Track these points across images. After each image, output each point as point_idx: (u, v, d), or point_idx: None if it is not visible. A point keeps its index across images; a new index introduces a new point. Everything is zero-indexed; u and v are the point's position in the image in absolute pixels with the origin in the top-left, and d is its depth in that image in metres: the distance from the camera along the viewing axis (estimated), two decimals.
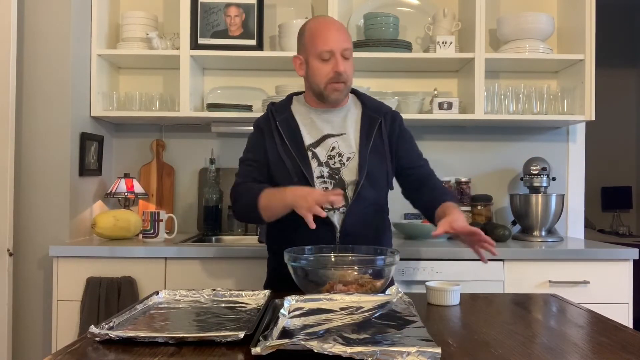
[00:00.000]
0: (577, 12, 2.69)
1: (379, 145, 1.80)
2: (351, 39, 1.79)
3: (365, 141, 1.78)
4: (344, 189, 1.73)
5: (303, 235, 1.64)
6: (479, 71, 2.62)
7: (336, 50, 1.71)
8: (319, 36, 1.73)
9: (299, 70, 1.82)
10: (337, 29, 1.75)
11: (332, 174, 1.75)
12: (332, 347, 0.96)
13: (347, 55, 1.74)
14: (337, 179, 1.75)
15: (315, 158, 1.76)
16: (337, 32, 1.74)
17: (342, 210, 1.73)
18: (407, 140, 1.88)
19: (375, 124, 1.80)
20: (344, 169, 1.76)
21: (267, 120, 1.83)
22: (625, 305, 2.32)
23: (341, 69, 1.71)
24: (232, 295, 1.44)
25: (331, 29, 1.74)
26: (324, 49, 1.71)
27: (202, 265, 2.30)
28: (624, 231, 4.95)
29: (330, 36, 1.72)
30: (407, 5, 2.91)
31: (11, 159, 2.33)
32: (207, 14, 2.69)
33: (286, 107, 1.84)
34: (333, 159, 1.76)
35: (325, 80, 1.74)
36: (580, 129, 2.97)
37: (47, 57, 2.44)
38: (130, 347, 1.06)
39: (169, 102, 2.75)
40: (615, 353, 1.07)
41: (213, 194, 2.81)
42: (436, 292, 1.49)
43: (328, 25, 1.75)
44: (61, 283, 2.28)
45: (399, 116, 1.89)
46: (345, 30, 1.77)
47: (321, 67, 1.73)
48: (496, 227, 2.56)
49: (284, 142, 1.76)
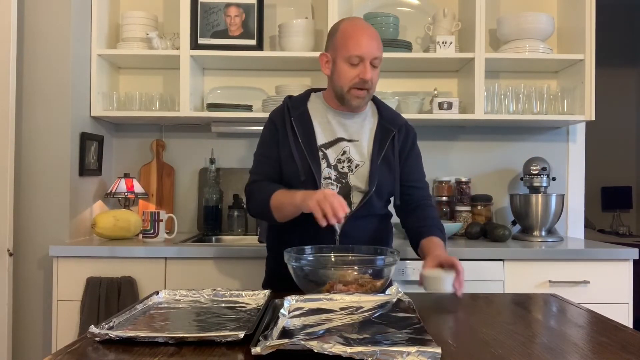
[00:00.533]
0: (577, 12, 2.70)
1: (390, 157, 1.79)
2: (382, 48, 1.76)
3: (377, 151, 1.77)
4: (349, 194, 1.74)
5: (302, 237, 1.66)
6: (479, 71, 2.62)
7: (367, 57, 1.69)
8: (352, 39, 1.70)
9: (325, 69, 1.79)
10: (371, 35, 1.72)
11: (339, 177, 1.75)
12: (332, 347, 0.96)
13: (376, 64, 1.73)
14: (343, 183, 1.75)
15: (325, 159, 1.75)
16: (370, 38, 1.71)
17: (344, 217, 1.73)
18: (415, 157, 1.88)
19: (389, 136, 1.79)
20: (352, 174, 1.75)
21: (282, 115, 1.81)
22: (625, 305, 2.32)
23: (368, 76, 1.70)
24: (232, 295, 1.44)
25: (365, 35, 1.70)
26: (355, 53, 1.69)
27: (202, 265, 2.30)
28: (624, 231, 4.95)
29: (364, 42, 1.69)
30: (407, 5, 2.92)
31: (11, 159, 2.33)
32: (207, 14, 2.70)
33: (303, 103, 1.83)
34: (342, 163, 1.76)
35: (350, 85, 1.72)
36: (580, 129, 2.97)
37: (47, 57, 2.44)
38: (130, 347, 1.06)
39: (169, 102, 2.75)
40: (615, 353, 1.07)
41: (213, 194, 2.81)
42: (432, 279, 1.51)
43: (363, 30, 1.72)
44: (61, 283, 2.28)
45: (413, 131, 1.88)
46: (378, 39, 1.74)
47: (348, 71, 1.71)
48: (496, 227, 2.56)
49: (297, 139, 1.75)
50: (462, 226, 2.73)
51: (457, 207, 2.83)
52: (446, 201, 2.85)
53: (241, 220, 2.84)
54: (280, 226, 1.76)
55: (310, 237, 1.64)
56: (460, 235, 2.74)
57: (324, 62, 1.79)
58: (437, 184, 2.88)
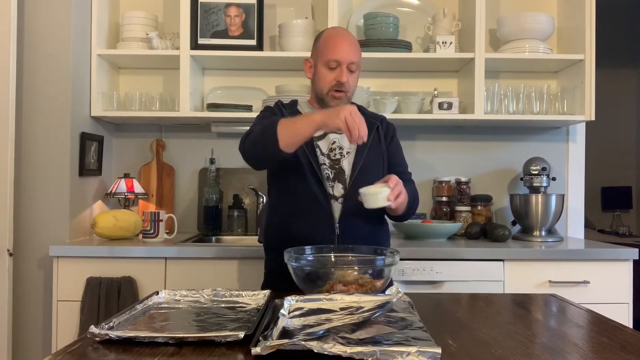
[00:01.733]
0: (577, 12, 2.69)
1: (376, 144, 1.91)
2: (360, 55, 1.87)
3: None
4: (344, 179, 1.83)
5: (301, 226, 1.76)
6: (479, 71, 2.62)
7: (343, 61, 1.80)
8: (331, 45, 1.82)
9: (308, 73, 1.92)
10: (349, 42, 1.84)
11: (333, 164, 1.85)
12: (332, 347, 0.96)
13: (353, 68, 1.83)
14: (337, 168, 1.84)
15: (318, 148, 1.85)
16: (348, 45, 1.82)
17: (340, 200, 1.81)
18: (395, 145, 2.00)
19: (374, 127, 1.90)
20: (344, 160, 1.85)
21: (278, 107, 1.92)
22: (625, 305, 2.32)
23: (344, 79, 1.81)
24: (232, 295, 1.44)
25: (343, 41, 1.83)
26: (333, 57, 1.80)
27: (202, 265, 2.30)
28: (624, 231, 4.94)
29: (341, 47, 1.81)
30: (407, 5, 2.91)
31: (11, 159, 2.33)
32: (207, 14, 2.69)
33: (293, 107, 1.94)
34: (334, 151, 1.86)
35: (328, 87, 1.83)
36: (580, 129, 2.97)
37: (47, 57, 2.44)
38: (130, 347, 1.06)
39: (169, 102, 2.75)
40: (615, 353, 1.07)
41: (213, 194, 2.81)
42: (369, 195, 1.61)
43: (342, 37, 1.85)
44: (61, 283, 2.28)
45: (392, 125, 2.01)
46: (356, 45, 1.86)
47: (326, 74, 1.83)
48: (496, 227, 2.56)
49: None
50: (462, 226, 2.73)
51: (457, 207, 2.83)
52: (446, 201, 2.85)
53: (241, 220, 2.84)
54: (277, 219, 1.84)
55: (308, 224, 1.75)
56: (460, 235, 2.74)
57: (307, 67, 1.92)
58: (437, 184, 2.88)
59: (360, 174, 1.81)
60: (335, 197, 1.81)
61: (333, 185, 1.82)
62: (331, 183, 1.82)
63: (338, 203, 1.81)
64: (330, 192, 1.81)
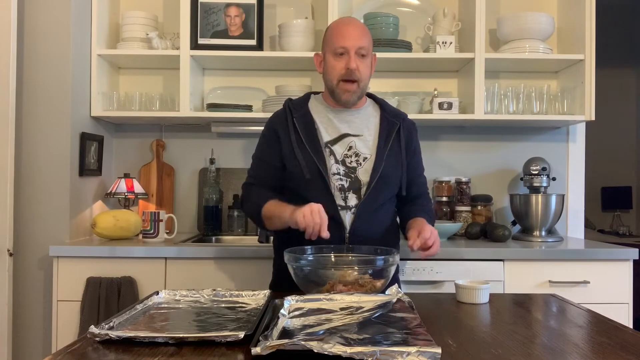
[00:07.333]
0: (577, 12, 2.69)
1: (396, 149, 1.82)
2: (371, 40, 1.80)
3: (383, 144, 1.80)
4: (359, 188, 1.76)
5: None
6: (479, 71, 2.62)
7: (350, 47, 1.73)
8: (336, 32, 1.76)
9: (318, 68, 1.85)
10: (355, 26, 1.77)
11: (348, 172, 1.76)
12: (332, 347, 0.96)
13: (363, 52, 1.75)
14: (352, 177, 1.76)
15: (332, 155, 1.77)
16: (354, 29, 1.75)
17: (353, 211, 1.74)
18: (417, 153, 1.93)
19: (394, 129, 1.83)
20: (360, 168, 1.77)
21: (283, 117, 1.83)
22: (625, 305, 2.32)
23: (352, 65, 1.72)
24: (232, 295, 1.44)
25: (349, 27, 1.76)
26: (339, 44, 1.74)
27: (202, 265, 2.30)
28: (624, 231, 4.94)
29: (347, 33, 1.74)
30: (407, 5, 2.91)
31: (11, 159, 2.33)
32: (207, 14, 2.69)
33: (303, 104, 1.86)
34: (350, 158, 1.77)
35: (338, 77, 1.76)
36: (580, 129, 2.97)
37: (47, 57, 2.44)
38: (130, 347, 1.06)
39: (169, 102, 2.75)
40: (615, 353, 1.07)
41: (213, 194, 2.81)
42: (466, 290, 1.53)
43: (347, 24, 1.78)
44: (61, 283, 2.28)
45: (414, 126, 1.93)
46: (363, 29, 1.78)
47: (335, 64, 1.75)
48: (496, 227, 2.56)
49: (299, 137, 1.77)
50: (462, 226, 2.73)
51: (457, 207, 2.83)
52: (446, 201, 2.85)
53: (241, 220, 2.84)
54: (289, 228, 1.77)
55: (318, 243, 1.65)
56: (460, 235, 2.74)
57: (318, 62, 1.86)
58: (437, 184, 2.88)
59: (377, 184, 1.75)
60: (349, 207, 1.74)
61: (347, 196, 1.74)
62: (344, 194, 1.74)
63: (351, 213, 1.74)
64: (343, 203, 1.73)
